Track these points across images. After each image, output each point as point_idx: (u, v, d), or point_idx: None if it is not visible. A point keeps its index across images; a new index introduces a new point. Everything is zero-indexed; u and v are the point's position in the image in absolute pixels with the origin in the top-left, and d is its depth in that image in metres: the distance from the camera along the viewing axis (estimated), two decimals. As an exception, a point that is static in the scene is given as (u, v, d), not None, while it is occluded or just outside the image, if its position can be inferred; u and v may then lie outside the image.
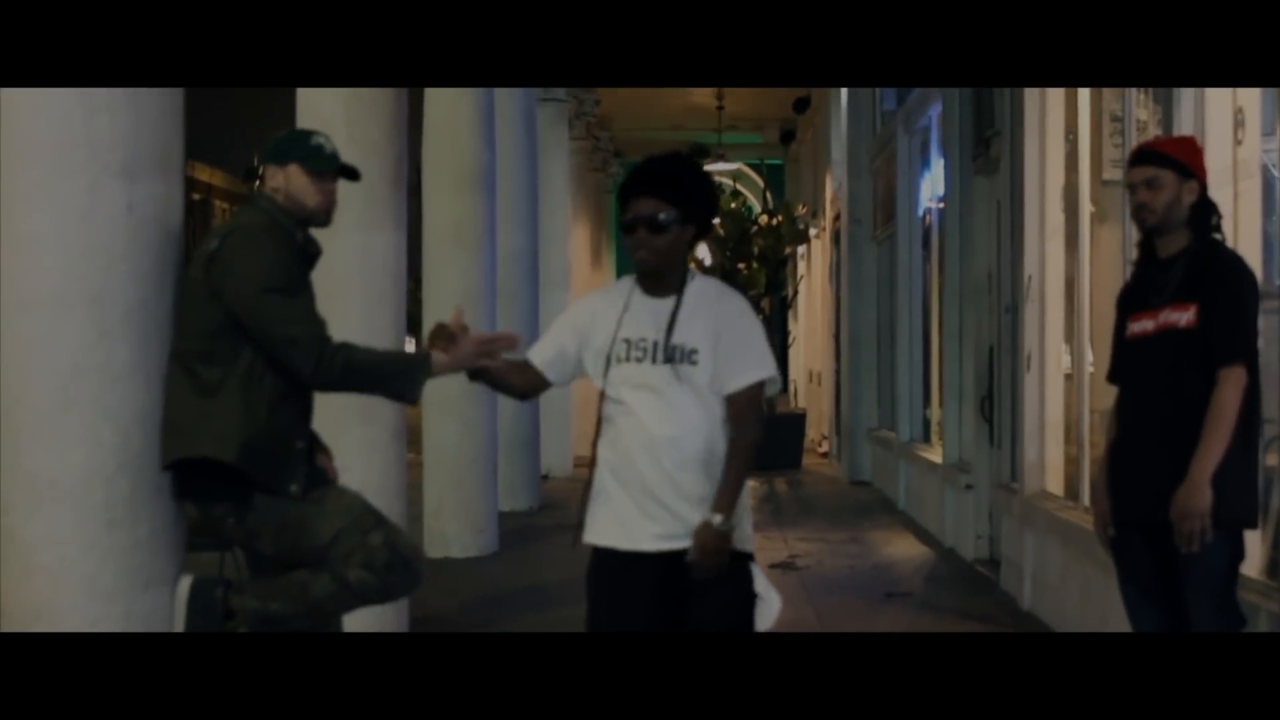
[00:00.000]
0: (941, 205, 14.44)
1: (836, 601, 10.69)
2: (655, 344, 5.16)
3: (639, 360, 5.16)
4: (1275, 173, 6.69)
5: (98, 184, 5.19)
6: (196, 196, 68.76)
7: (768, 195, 26.57)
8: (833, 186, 22.83)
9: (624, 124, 27.75)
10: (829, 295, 23.61)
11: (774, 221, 23.36)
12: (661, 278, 5.22)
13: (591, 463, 5.31)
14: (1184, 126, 7.33)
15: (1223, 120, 7.24)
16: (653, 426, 5.13)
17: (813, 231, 25.78)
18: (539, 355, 5.36)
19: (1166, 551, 5.50)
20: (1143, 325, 5.69)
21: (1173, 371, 5.55)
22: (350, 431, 7.68)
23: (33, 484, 5.18)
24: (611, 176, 30.89)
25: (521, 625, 9.88)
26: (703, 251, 25.67)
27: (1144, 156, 5.76)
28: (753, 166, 31.45)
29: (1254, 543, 6.77)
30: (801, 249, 26.75)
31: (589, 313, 5.31)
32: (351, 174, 5.59)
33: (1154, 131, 8.15)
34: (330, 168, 5.48)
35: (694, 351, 5.14)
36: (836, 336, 22.13)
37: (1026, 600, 10.21)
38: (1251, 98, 7.04)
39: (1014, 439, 10.92)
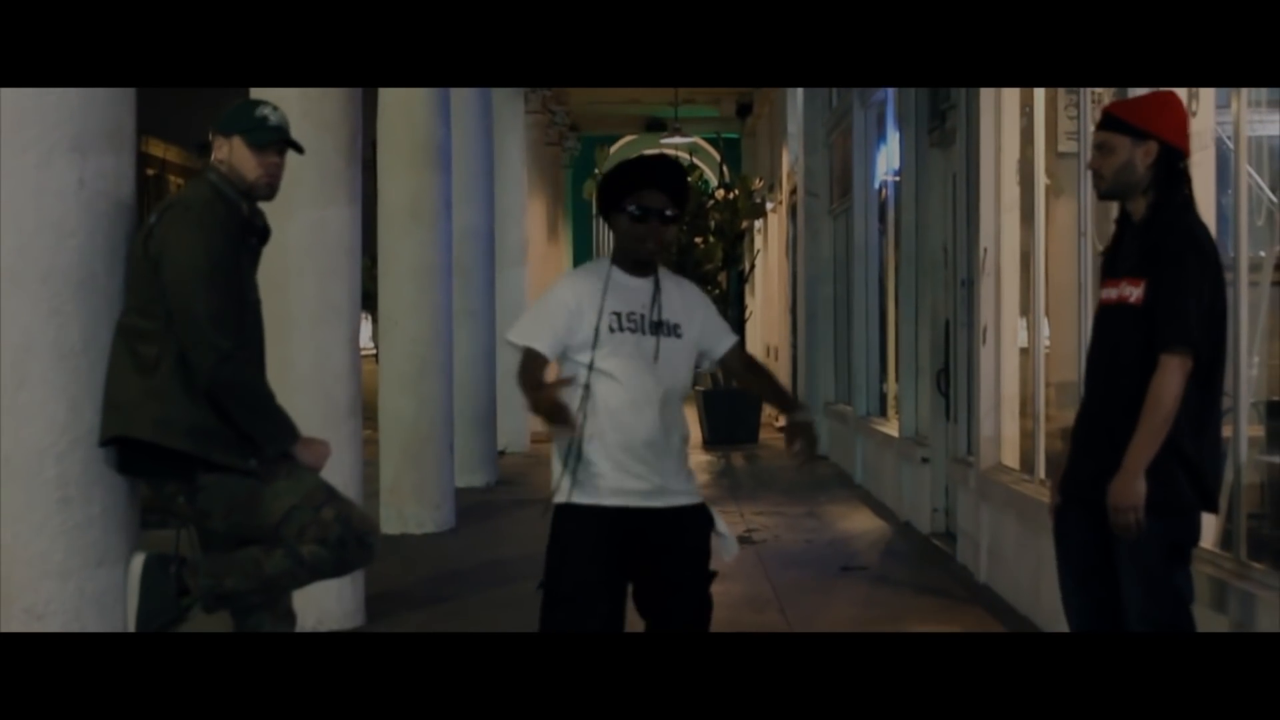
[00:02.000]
0: (897, 179, 14.45)
1: (793, 576, 10.69)
2: (643, 318, 5.52)
3: (630, 331, 5.50)
4: (1229, 145, 6.69)
5: (48, 159, 5.15)
6: (151, 172, 68.32)
7: (724, 169, 26.54)
8: (789, 160, 22.84)
9: (580, 99, 27.72)
10: (786, 270, 23.63)
11: (730, 196, 23.32)
12: (647, 263, 5.59)
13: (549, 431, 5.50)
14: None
15: (1177, 92, 7.26)
16: (644, 392, 5.47)
17: (769, 206, 25.78)
18: (549, 348, 5.53)
19: (1103, 531, 5.49)
20: (1107, 293, 5.59)
21: (1120, 347, 5.49)
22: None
23: (-15, 462, 5.15)
24: (568, 151, 30.86)
25: (479, 601, 9.87)
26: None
27: (1100, 121, 5.69)
28: (709, 140, 31.43)
29: (1209, 516, 6.81)
30: (758, 223, 26.75)
31: (573, 294, 5.53)
32: (296, 147, 5.53)
33: (1108, 102, 8.16)
34: (271, 140, 5.42)
35: (677, 325, 5.56)
36: (793, 311, 22.15)
37: (982, 573, 10.24)
38: (1205, 70, 7.05)
39: (970, 413, 10.94)
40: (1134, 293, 5.46)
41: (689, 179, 5.89)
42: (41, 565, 5.15)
